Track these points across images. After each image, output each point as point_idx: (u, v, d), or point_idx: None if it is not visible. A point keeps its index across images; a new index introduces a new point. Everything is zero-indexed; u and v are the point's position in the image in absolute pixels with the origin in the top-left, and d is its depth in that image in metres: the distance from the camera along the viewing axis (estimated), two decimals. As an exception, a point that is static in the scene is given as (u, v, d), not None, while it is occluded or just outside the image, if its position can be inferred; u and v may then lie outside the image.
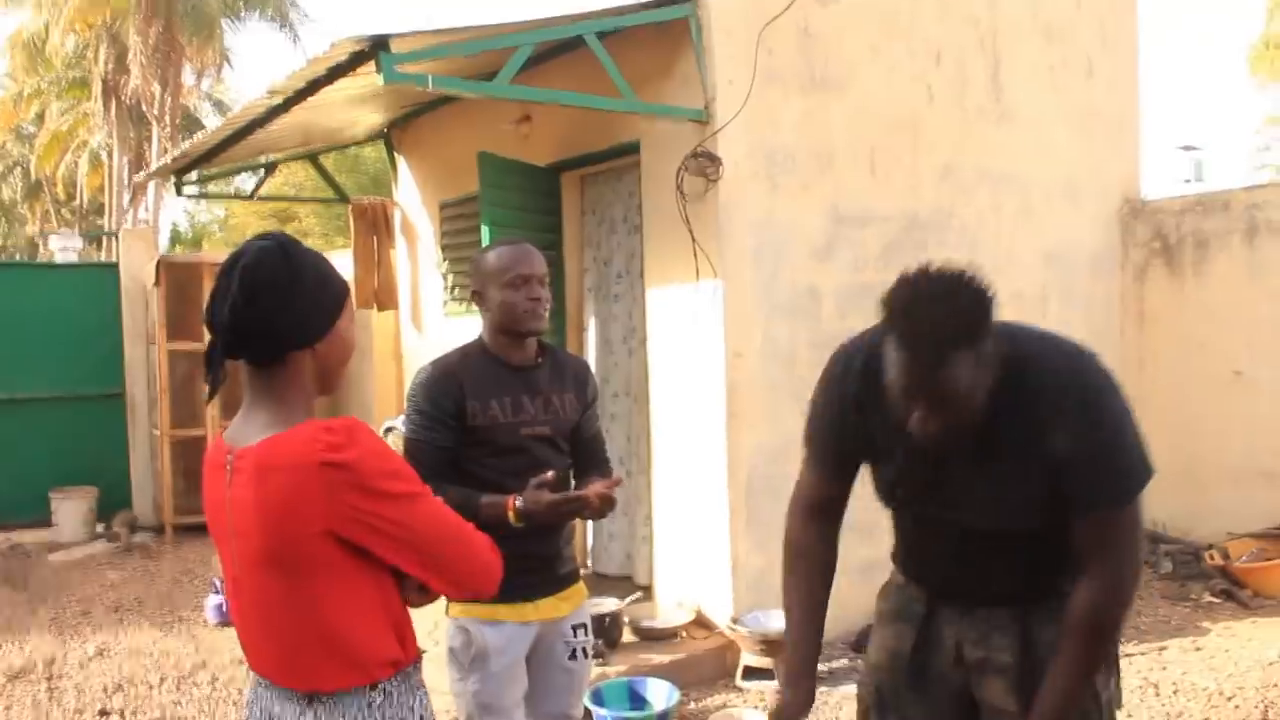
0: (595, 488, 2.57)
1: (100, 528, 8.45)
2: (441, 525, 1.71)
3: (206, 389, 1.70)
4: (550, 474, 2.52)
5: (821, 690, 4.54)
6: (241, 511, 1.66)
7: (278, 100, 5.27)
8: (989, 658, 2.13)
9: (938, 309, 1.80)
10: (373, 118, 7.34)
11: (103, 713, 4.59)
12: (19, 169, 29.30)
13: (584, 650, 2.84)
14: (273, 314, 1.65)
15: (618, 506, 5.92)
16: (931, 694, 2.22)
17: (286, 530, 1.61)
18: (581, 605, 2.86)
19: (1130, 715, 4.24)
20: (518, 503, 2.49)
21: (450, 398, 2.63)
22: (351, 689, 1.69)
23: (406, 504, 1.66)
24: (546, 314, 2.73)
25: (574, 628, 2.81)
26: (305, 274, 1.70)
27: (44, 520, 8.40)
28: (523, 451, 2.67)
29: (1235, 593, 5.78)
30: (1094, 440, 1.90)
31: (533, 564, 2.64)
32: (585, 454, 2.86)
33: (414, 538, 1.66)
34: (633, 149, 5.30)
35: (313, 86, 4.93)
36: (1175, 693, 4.48)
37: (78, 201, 27.85)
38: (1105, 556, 1.94)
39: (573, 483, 2.82)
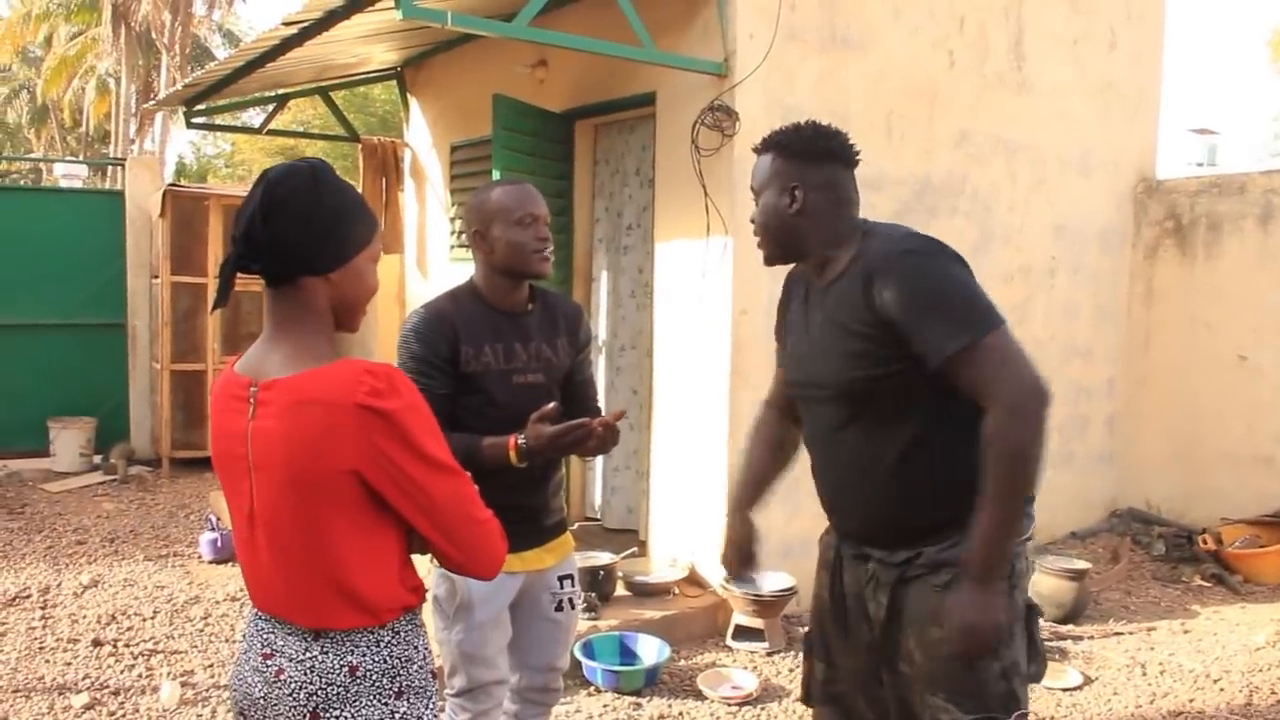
0: (600, 418, 2.50)
1: (97, 459, 8.44)
2: (463, 505, 1.69)
3: (217, 297, 1.69)
4: (551, 405, 2.44)
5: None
6: (266, 443, 1.64)
7: (292, 31, 5.19)
8: (877, 612, 2.21)
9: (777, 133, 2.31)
10: (387, 55, 7.26)
11: (96, 642, 4.61)
12: (25, 92, 29.03)
13: (570, 601, 2.82)
14: (286, 231, 1.64)
15: (623, 461, 5.95)
16: (853, 642, 2.30)
17: (313, 464, 1.59)
18: (568, 556, 2.83)
19: (1116, 694, 4.27)
20: (520, 441, 2.42)
21: (445, 342, 2.55)
22: (361, 628, 1.68)
23: (436, 474, 1.64)
24: (552, 258, 2.66)
25: (560, 579, 2.79)
26: (327, 199, 1.67)
27: (41, 449, 8.40)
28: (515, 400, 2.60)
29: (1226, 578, 5.80)
30: (921, 291, 2.03)
31: (519, 515, 2.58)
32: (576, 399, 2.79)
33: (432, 507, 1.65)
34: (648, 100, 5.23)
35: (329, 19, 4.86)
36: (1162, 673, 4.50)
37: (84, 129, 27.66)
38: (986, 391, 1.98)
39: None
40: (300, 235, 1.65)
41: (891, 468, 2.14)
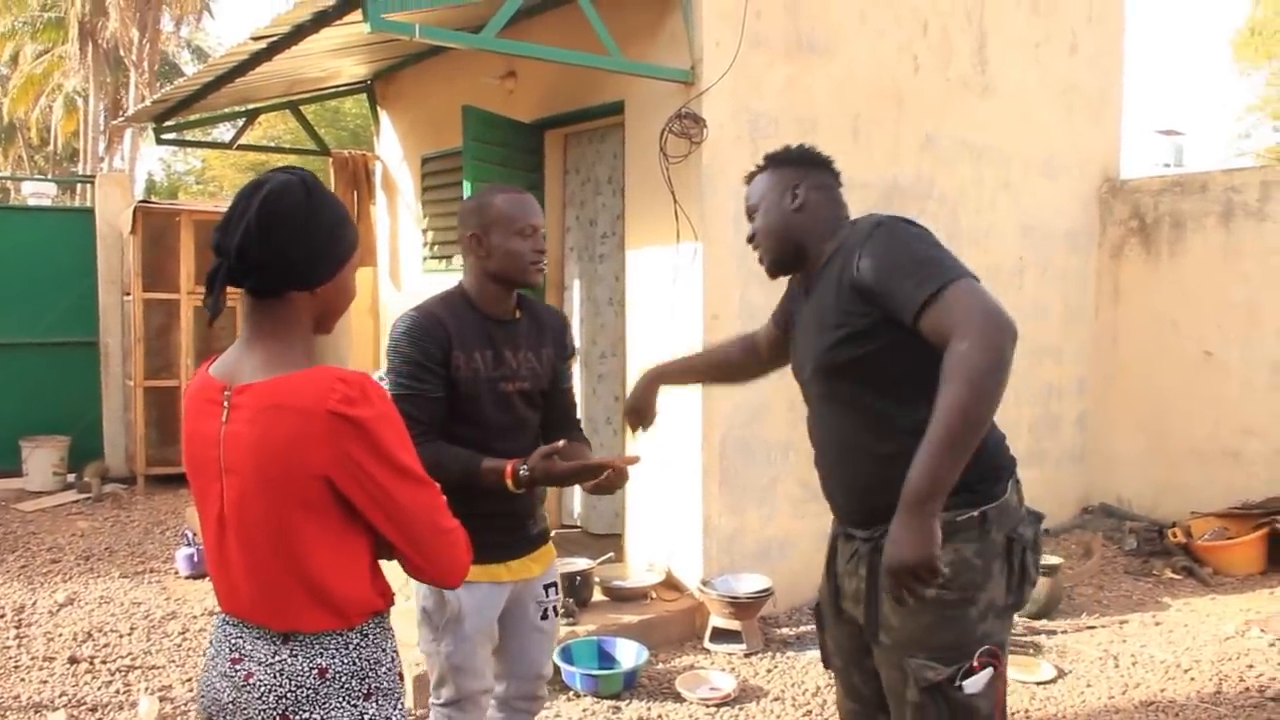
0: (624, 458, 2.52)
1: (71, 477, 8.39)
2: (430, 514, 1.70)
3: (209, 312, 1.67)
4: (561, 443, 2.46)
5: (789, 654, 4.61)
6: (237, 448, 1.65)
7: (261, 46, 5.20)
8: (858, 587, 2.27)
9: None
10: (356, 69, 7.27)
11: (72, 660, 4.59)
12: (-9, 112, 28.77)
13: (555, 609, 2.84)
14: (285, 248, 1.64)
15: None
16: (845, 619, 2.36)
17: (284, 469, 1.60)
18: (552, 564, 2.84)
19: (1090, 686, 4.32)
20: (523, 469, 2.43)
21: (438, 345, 2.53)
22: (330, 630, 1.69)
23: (404, 483, 1.66)
24: (545, 269, 2.69)
25: (545, 587, 2.80)
26: (323, 214, 1.68)
27: (14, 469, 8.36)
28: (504, 408, 2.62)
29: (1196, 570, 5.88)
30: (891, 254, 2.11)
31: (508, 524, 2.63)
32: (556, 408, 2.81)
33: (400, 514, 1.66)
34: (617, 109, 5.27)
35: (297, 33, 4.87)
36: (1134, 664, 4.56)
37: (52, 147, 27.43)
38: (954, 328, 1.93)
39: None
40: (296, 254, 1.65)
41: (868, 447, 2.22)
